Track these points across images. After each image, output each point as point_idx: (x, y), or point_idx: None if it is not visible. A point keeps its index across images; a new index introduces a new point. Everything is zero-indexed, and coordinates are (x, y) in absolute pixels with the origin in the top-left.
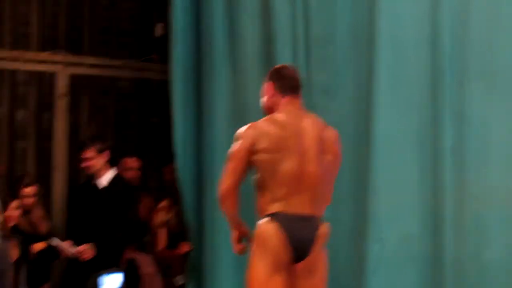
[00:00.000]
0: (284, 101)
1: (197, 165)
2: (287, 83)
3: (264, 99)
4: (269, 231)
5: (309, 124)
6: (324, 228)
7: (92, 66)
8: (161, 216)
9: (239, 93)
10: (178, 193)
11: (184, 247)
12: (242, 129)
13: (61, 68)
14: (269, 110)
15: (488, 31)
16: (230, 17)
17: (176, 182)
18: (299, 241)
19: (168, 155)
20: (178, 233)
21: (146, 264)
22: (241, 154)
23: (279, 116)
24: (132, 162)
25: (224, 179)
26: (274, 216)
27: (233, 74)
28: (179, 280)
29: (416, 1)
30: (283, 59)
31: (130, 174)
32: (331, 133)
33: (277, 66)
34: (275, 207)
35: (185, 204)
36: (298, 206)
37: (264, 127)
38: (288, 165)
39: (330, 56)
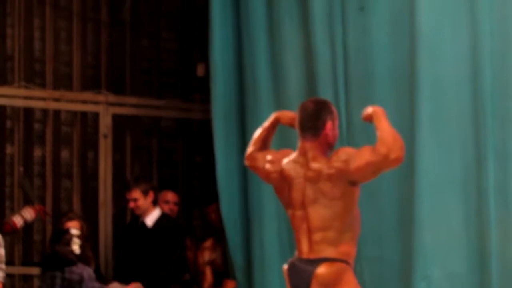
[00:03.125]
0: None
1: (242, 204)
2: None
3: None
4: None
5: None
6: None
7: (135, 106)
8: (207, 255)
9: (284, 131)
10: (223, 232)
11: (229, 285)
12: None
13: (103, 108)
14: None
15: None
16: (273, 57)
17: (220, 221)
18: None
19: (212, 194)
20: (223, 272)
21: None
22: None
23: None
24: (170, 196)
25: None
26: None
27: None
28: None
29: (457, 40)
30: (325, 97)
31: (168, 208)
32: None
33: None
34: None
35: (231, 242)
36: None
37: None
38: None
39: (370, 96)
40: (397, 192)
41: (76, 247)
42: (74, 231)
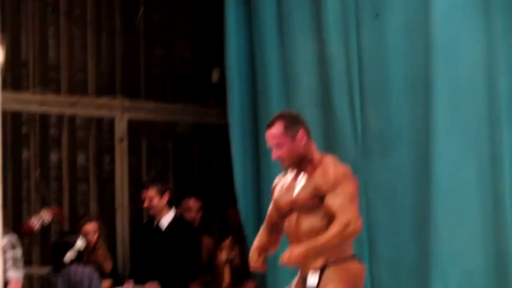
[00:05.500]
0: (315, 147)
1: (258, 206)
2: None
3: (299, 146)
4: (362, 273)
5: None
6: None
7: (150, 111)
8: (225, 254)
9: None
10: (242, 232)
11: (249, 285)
12: (345, 168)
13: (119, 113)
14: (302, 157)
15: None
16: (285, 64)
17: (240, 222)
18: None
19: (229, 197)
20: (241, 271)
21: None
22: (357, 195)
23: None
24: (193, 203)
25: (359, 217)
26: (357, 257)
27: None
28: None
29: (472, 45)
30: (340, 105)
31: (191, 215)
32: None
33: (293, 111)
34: (351, 249)
35: (249, 243)
36: None
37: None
38: None
39: (385, 102)
40: (414, 195)
41: (69, 255)
42: (79, 244)
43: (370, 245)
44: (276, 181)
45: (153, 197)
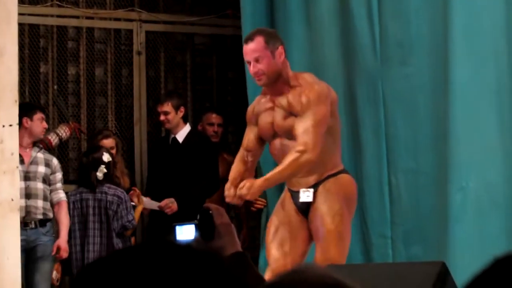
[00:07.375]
0: (289, 66)
1: None
2: None
3: (277, 62)
4: (355, 185)
5: None
6: None
7: (168, 23)
8: None
9: (315, 49)
10: None
11: (258, 202)
12: (322, 88)
13: (137, 25)
14: (279, 74)
15: None
16: None
17: None
18: None
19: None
20: None
21: (220, 214)
22: (327, 119)
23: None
24: (215, 118)
25: (317, 145)
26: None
27: (308, 30)
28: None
29: None
30: (358, 14)
31: (213, 130)
32: None
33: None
34: (341, 163)
35: (264, 160)
36: None
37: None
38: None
39: (404, 8)
40: (432, 104)
41: (100, 175)
42: (105, 157)
43: (388, 156)
44: (250, 107)
45: (169, 111)
